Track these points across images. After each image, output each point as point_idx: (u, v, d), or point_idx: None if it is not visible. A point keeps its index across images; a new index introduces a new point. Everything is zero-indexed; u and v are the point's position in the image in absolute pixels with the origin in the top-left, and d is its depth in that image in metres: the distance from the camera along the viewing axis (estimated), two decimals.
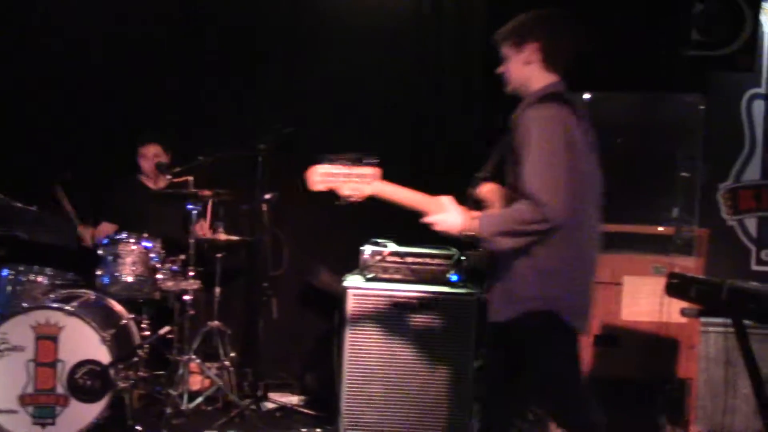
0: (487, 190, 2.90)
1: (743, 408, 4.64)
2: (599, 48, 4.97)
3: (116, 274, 4.26)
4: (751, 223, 4.90)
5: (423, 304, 3.98)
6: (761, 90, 4.89)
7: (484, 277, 4.15)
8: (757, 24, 4.59)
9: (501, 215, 2.64)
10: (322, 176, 2.72)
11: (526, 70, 2.78)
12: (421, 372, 3.95)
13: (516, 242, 2.57)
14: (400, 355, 3.96)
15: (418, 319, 3.98)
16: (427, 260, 4.15)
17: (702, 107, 4.43)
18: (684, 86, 4.55)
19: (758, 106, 4.90)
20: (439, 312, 3.98)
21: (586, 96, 4.32)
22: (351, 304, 3.98)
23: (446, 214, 2.69)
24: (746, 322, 3.11)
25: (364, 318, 3.98)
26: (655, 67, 4.74)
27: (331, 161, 2.74)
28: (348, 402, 3.97)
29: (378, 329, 3.96)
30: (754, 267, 4.89)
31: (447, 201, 2.72)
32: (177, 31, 5.18)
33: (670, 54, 4.56)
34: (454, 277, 4.11)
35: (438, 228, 2.71)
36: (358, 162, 2.74)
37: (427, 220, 2.71)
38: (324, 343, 4.71)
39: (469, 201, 2.85)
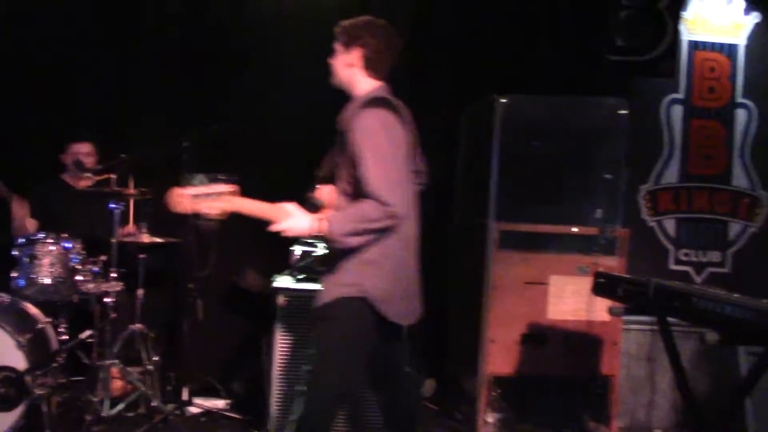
0: (325, 192, 3.08)
1: (662, 403, 4.80)
2: (526, 51, 5.12)
3: (32, 276, 4.07)
4: (670, 224, 5.08)
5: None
6: (679, 95, 5.08)
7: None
8: (677, 32, 4.77)
9: (348, 215, 2.73)
10: (181, 198, 2.77)
11: (348, 72, 2.93)
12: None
13: (363, 240, 2.71)
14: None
15: None
16: None
17: (624, 111, 4.55)
18: (608, 90, 4.67)
19: (676, 110, 5.08)
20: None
21: (504, 100, 4.41)
22: (281, 305, 3.92)
23: (292, 219, 2.76)
24: (670, 319, 3.22)
25: (294, 319, 3.93)
26: (581, 71, 4.87)
27: (188, 182, 2.80)
28: (278, 404, 3.90)
29: (309, 330, 3.91)
30: (672, 266, 5.07)
31: (291, 207, 2.80)
32: (99, 28, 5.00)
33: (594, 59, 4.68)
34: None
35: (288, 234, 2.78)
36: (214, 180, 2.81)
37: (274, 228, 2.78)
38: (251, 345, 4.64)
39: (308, 204, 2.98)
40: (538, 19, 5.15)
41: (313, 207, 3.01)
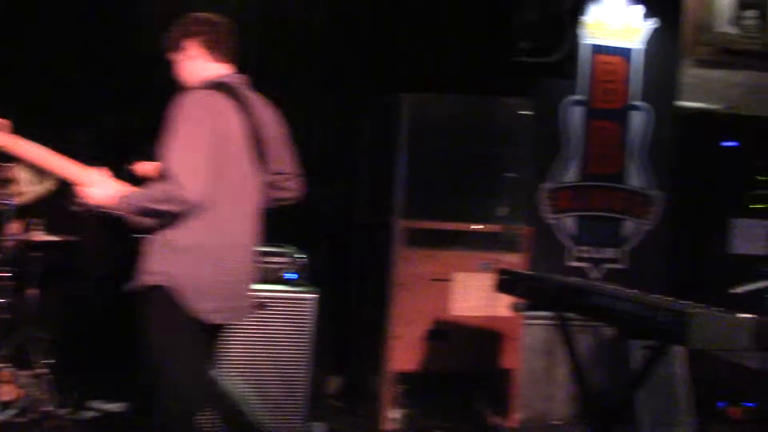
0: (147, 167, 2.97)
1: (560, 395, 4.92)
2: (433, 51, 5.16)
3: None
4: (569, 222, 5.23)
5: (259, 304, 3.89)
6: (579, 97, 5.23)
7: (322, 276, 4.16)
8: (577, 35, 4.89)
9: (142, 193, 2.65)
10: None
11: (192, 65, 2.86)
12: (256, 373, 3.86)
13: (152, 220, 2.63)
14: (234, 356, 3.84)
15: (254, 320, 3.88)
16: (263, 258, 4.07)
17: (528, 112, 4.65)
18: (513, 91, 4.75)
19: (576, 111, 5.23)
20: (275, 312, 3.90)
21: (410, 97, 4.43)
22: None
23: (97, 186, 2.66)
24: (569, 314, 3.31)
25: None
26: (486, 71, 4.94)
27: None
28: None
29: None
30: (571, 263, 5.21)
31: (98, 174, 2.70)
32: None
33: (499, 60, 4.75)
34: (290, 276, 4.05)
35: (89, 201, 2.68)
36: None
37: (78, 191, 2.69)
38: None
39: (126, 176, 2.86)
40: (446, 19, 5.19)
41: (134, 181, 2.85)
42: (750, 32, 5.82)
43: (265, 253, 4.06)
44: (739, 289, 2.40)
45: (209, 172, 2.60)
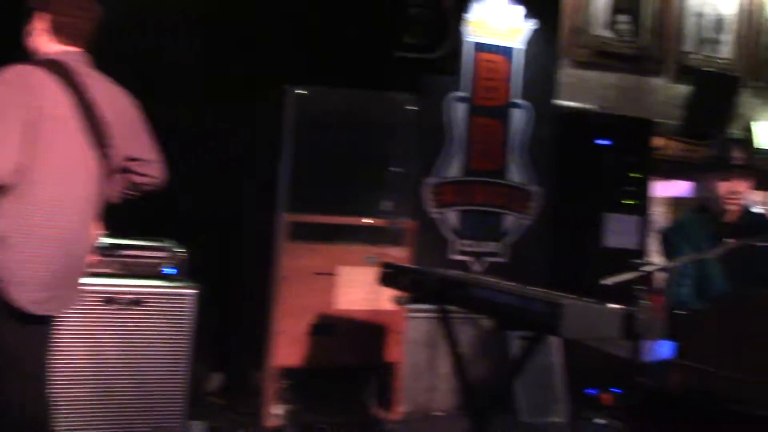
0: None
1: (443, 386, 5.00)
2: (320, 45, 5.11)
3: None
4: (452, 216, 5.31)
5: (135, 300, 3.75)
6: (463, 94, 5.32)
7: (205, 271, 4.06)
8: (460, 33, 4.98)
9: None
10: None
11: (37, 40, 2.80)
12: (133, 372, 3.72)
13: None
14: (110, 355, 3.68)
15: (130, 316, 3.73)
16: (140, 253, 3.92)
17: (413, 107, 4.69)
18: (400, 86, 4.77)
19: (460, 108, 5.31)
20: (152, 308, 3.77)
21: (297, 91, 4.39)
22: None
23: None
24: (450, 307, 3.35)
25: (68, 316, 3.64)
26: (373, 66, 4.94)
27: None
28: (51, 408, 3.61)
29: (85, 328, 3.66)
30: (453, 256, 5.29)
31: None
32: None
33: (385, 55, 4.76)
34: (169, 271, 3.92)
35: None
36: None
37: None
38: None
39: None
40: (332, 13, 5.16)
41: None
42: (623, 36, 6.11)
43: (143, 248, 3.92)
44: (609, 281, 2.49)
45: (18, 150, 2.48)
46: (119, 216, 3.01)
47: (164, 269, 3.91)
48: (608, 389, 4.11)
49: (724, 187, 3.67)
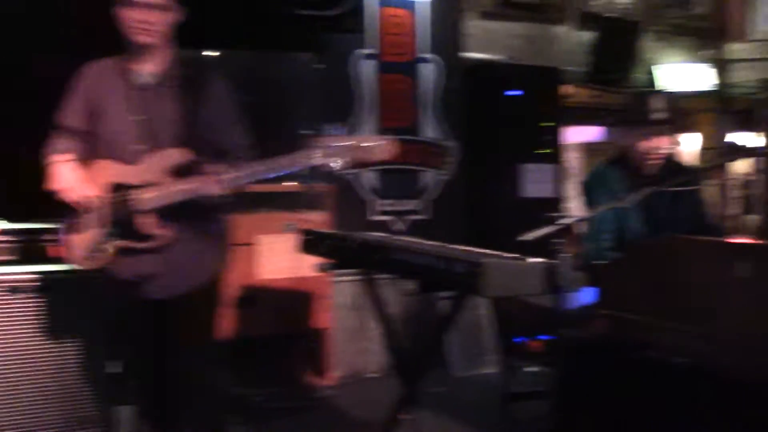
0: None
1: (374, 348, 5.00)
2: (217, 7, 4.92)
3: None
4: (368, 177, 5.25)
5: (41, 286, 3.58)
6: (369, 51, 5.22)
7: None
8: None
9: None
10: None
11: None
12: (45, 362, 3.56)
13: None
14: (18, 345, 3.51)
15: (36, 303, 3.56)
16: (43, 237, 3.73)
17: (318, 66, 4.58)
18: (303, 46, 4.65)
19: (368, 65, 5.22)
20: (59, 293, 3.60)
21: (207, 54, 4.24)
22: None
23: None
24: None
25: None
26: (274, 26, 4.78)
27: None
28: None
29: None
30: (374, 218, 5.26)
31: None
32: None
33: (285, 14, 4.61)
34: None
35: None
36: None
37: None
38: None
39: None
40: None
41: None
42: None
43: (45, 231, 3.73)
44: (528, 236, 2.49)
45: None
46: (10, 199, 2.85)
47: None
48: (536, 337, 4.18)
49: (644, 145, 3.56)
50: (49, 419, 3.55)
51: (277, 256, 4.38)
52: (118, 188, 2.74)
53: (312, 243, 3.54)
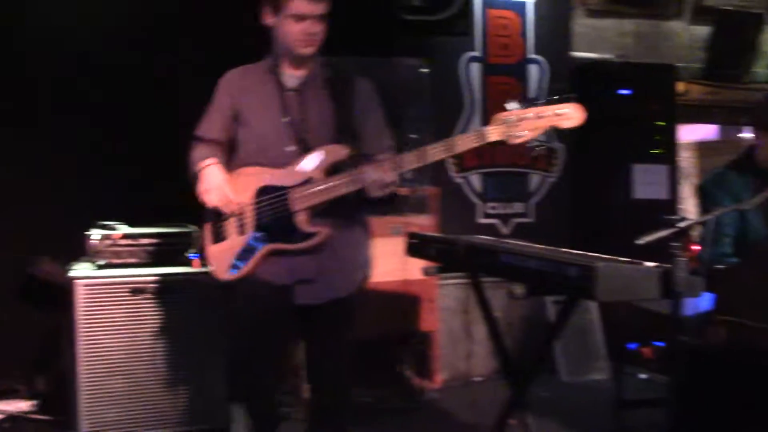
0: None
1: (480, 352, 4.98)
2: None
3: None
4: (476, 180, 5.23)
5: (163, 288, 3.74)
6: (476, 53, 5.20)
7: None
8: None
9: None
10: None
11: None
12: (167, 362, 3.72)
13: None
14: (142, 345, 3.69)
15: (159, 305, 3.73)
16: (164, 240, 3.90)
17: (425, 70, 4.59)
18: (410, 50, 4.67)
19: (474, 68, 5.21)
20: (181, 294, 3.76)
21: None
22: (81, 296, 3.63)
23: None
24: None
25: (97, 309, 3.65)
26: (380, 32, 4.83)
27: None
28: (87, 402, 3.63)
29: (115, 320, 3.67)
30: (480, 220, 5.23)
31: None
32: None
33: (393, 19, 4.65)
34: (194, 256, 3.90)
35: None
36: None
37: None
38: (52, 339, 4.29)
39: None
40: None
41: None
42: None
43: (166, 235, 3.90)
44: (644, 239, 2.41)
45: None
46: (133, 204, 2.94)
47: (190, 254, 3.88)
48: (649, 343, 4.06)
49: None
50: (171, 415, 3.71)
51: (384, 259, 4.41)
52: (266, 191, 2.75)
53: (416, 247, 3.56)
